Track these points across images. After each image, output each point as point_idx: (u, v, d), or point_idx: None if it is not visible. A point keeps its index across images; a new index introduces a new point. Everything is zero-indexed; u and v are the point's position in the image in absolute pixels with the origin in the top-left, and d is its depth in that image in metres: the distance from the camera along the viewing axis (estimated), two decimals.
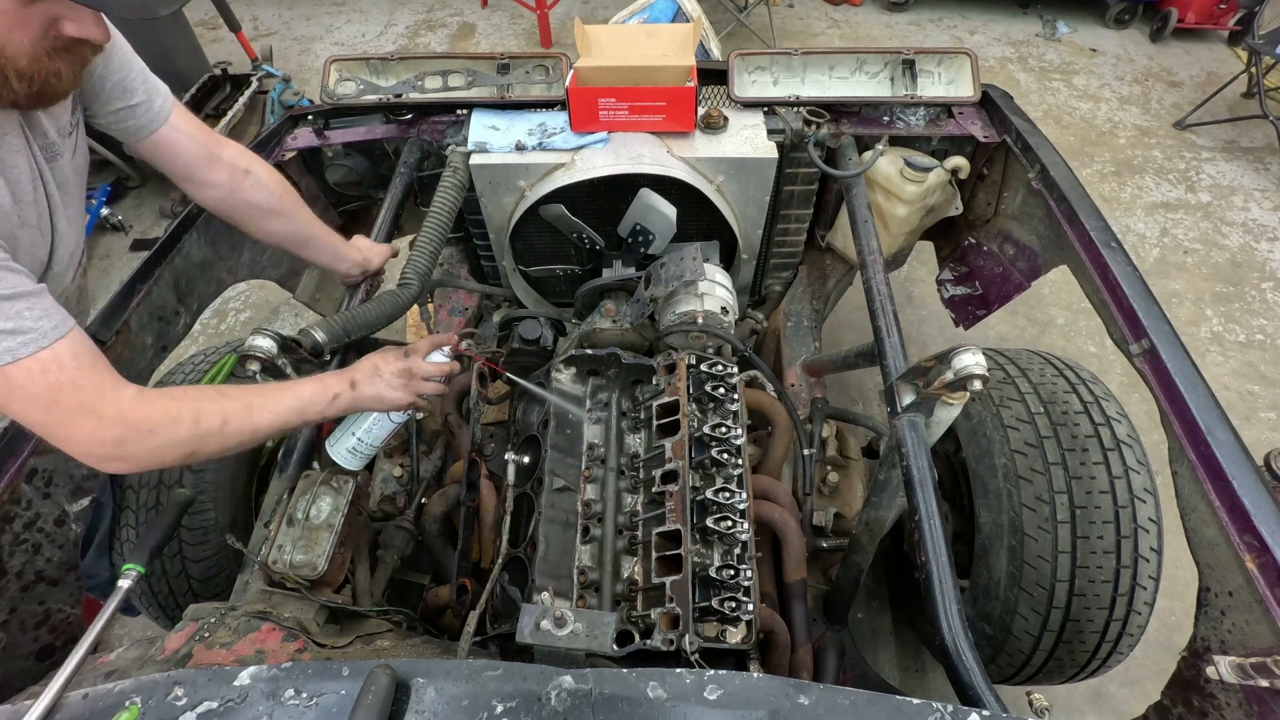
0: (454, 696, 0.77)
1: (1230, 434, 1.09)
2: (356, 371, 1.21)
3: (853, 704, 0.75)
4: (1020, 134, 1.72)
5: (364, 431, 1.34)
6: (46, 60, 0.90)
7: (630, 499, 1.39)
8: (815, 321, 2.11)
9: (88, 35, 0.90)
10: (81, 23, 0.89)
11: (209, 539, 1.53)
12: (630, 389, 1.56)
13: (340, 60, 1.89)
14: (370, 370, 1.22)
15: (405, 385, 1.24)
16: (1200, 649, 1.06)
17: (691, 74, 1.66)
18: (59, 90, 0.95)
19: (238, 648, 1.04)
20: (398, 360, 1.26)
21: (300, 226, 1.47)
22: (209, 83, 3.95)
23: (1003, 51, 4.79)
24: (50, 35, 0.88)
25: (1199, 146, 3.95)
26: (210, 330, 3.14)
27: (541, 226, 1.82)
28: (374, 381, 1.21)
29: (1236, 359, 2.89)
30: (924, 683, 2.05)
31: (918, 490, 1.11)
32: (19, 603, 1.23)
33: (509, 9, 5.33)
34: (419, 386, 1.27)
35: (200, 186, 1.34)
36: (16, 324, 0.87)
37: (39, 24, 0.87)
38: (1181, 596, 2.01)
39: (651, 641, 1.11)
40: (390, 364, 1.24)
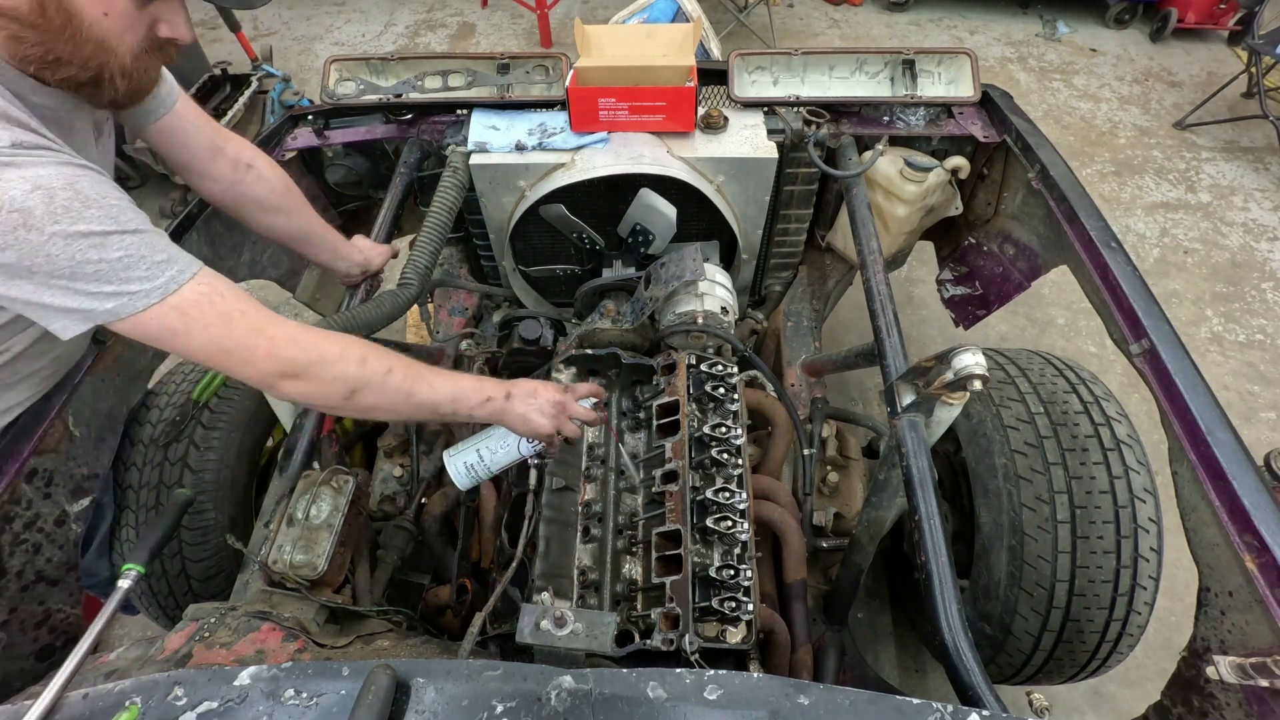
0: (454, 696, 0.77)
1: (1230, 434, 1.09)
2: (515, 386, 1.20)
3: (853, 704, 0.75)
4: (1020, 134, 1.72)
5: (489, 452, 1.30)
6: (144, 59, 0.96)
7: (630, 499, 1.39)
8: (815, 321, 2.11)
9: (179, 36, 0.97)
10: (174, 24, 0.96)
11: (209, 539, 1.53)
12: (630, 389, 1.56)
13: (340, 60, 1.89)
14: (528, 390, 1.20)
15: (555, 417, 1.21)
16: (1200, 649, 1.06)
17: (691, 74, 1.66)
18: (147, 88, 1.01)
19: (238, 648, 1.04)
20: (557, 391, 1.24)
21: (301, 223, 1.47)
22: (209, 83, 3.95)
23: (1003, 51, 4.79)
24: (149, 36, 0.95)
25: (1199, 146, 3.95)
26: None
27: (541, 226, 1.82)
28: (528, 401, 1.19)
29: (1236, 359, 2.89)
30: (924, 683, 2.05)
31: (918, 490, 1.11)
32: (19, 603, 1.23)
33: (509, 9, 5.33)
34: (565, 424, 1.23)
35: (202, 178, 1.34)
36: (170, 254, 0.91)
37: (145, 26, 0.93)
38: (1181, 596, 2.01)
39: (651, 641, 1.11)
40: (549, 392, 1.22)
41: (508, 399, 1.17)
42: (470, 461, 1.31)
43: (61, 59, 0.87)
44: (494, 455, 1.30)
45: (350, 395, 1.03)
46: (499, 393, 1.17)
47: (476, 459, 1.30)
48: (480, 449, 1.30)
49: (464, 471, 1.31)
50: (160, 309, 0.90)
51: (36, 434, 1.24)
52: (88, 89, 0.93)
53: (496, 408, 1.16)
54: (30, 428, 1.25)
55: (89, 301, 0.87)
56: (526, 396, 1.19)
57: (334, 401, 1.03)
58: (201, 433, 1.54)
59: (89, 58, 0.89)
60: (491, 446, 1.30)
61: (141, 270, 0.88)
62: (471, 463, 1.31)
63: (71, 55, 0.88)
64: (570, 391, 1.26)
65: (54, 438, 1.28)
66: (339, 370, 1.01)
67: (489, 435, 1.32)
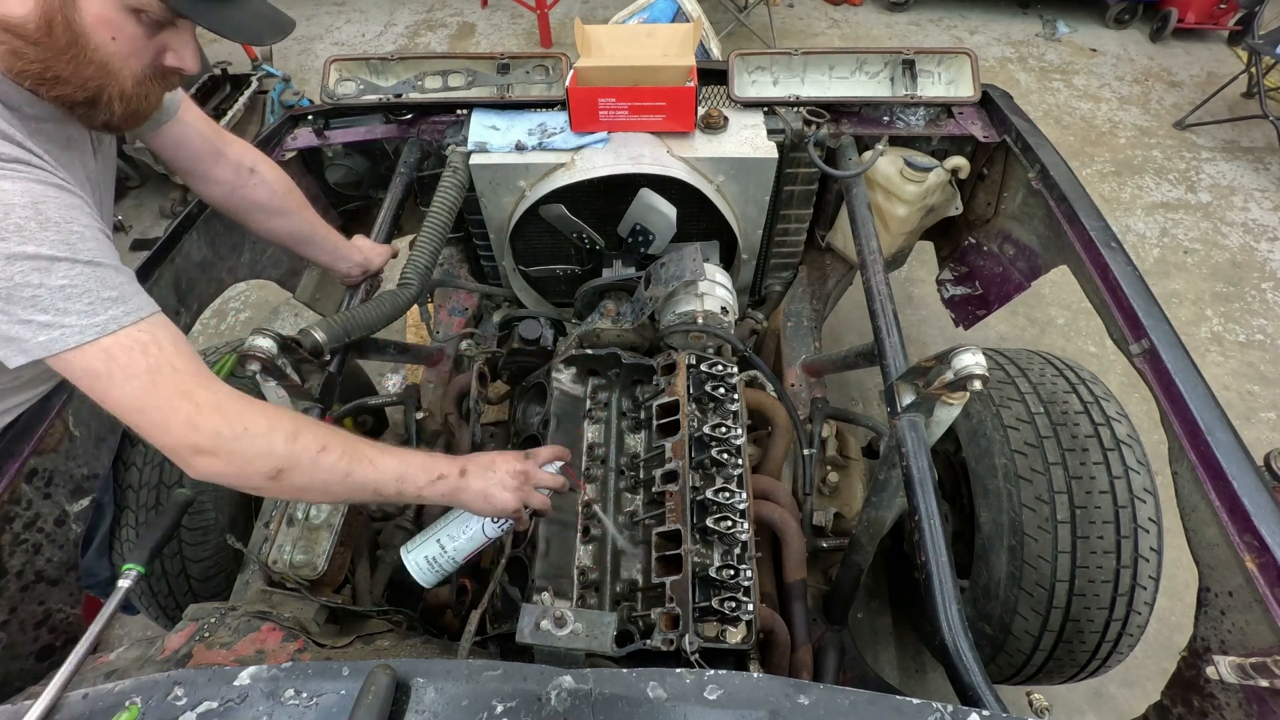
0: (454, 696, 0.77)
1: (1230, 434, 1.09)
2: (470, 461, 1.10)
3: (853, 704, 0.75)
4: (1020, 134, 1.72)
5: (450, 540, 1.18)
6: (145, 85, 0.95)
7: (630, 499, 1.39)
8: (815, 321, 2.11)
9: (185, 66, 0.96)
10: (182, 54, 0.95)
11: (209, 539, 1.53)
12: (630, 389, 1.56)
13: (340, 60, 1.89)
14: (485, 464, 1.10)
15: (518, 489, 1.11)
16: (1200, 649, 1.06)
17: (691, 74, 1.66)
18: (147, 113, 0.99)
19: (238, 648, 1.04)
20: (517, 460, 1.14)
21: (303, 225, 1.47)
22: (209, 82, 3.95)
23: (1003, 51, 4.79)
24: (155, 64, 0.94)
25: (1199, 146, 3.95)
26: (210, 330, 3.14)
27: (541, 226, 1.82)
28: (486, 475, 1.09)
29: (1236, 359, 2.89)
30: (924, 683, 2.04)
31: (918, 490, 1.11)
32: (19, 603, 1.23)
33: (509, 9, 5.33)
34: (531, 495, 1.13)
35: (205, 182, 1.34)
36: (120, 293, 0.86)
37: (152, 54, 0.93)
38: (1181, 596, 2.01)
39: (651, 641, 1.11)
40: (508, 462, 1.12)
41: (463, 475, 1.06)
42: (431, 555, 1.18)
43: (60, 78, 0.86)
44: (456, 543, 1.18)
45: (276, 475, 0.91)
46: (452, 470, 1.06)
47: (438, 550, 1.18)
48: (440, 538, 1.18)
49: (425, 567, 1.18)
50: (90, 349, 0.82)
51: (36, 434, 1.24)
52: (82, 109, 0.92)
53: (450, 486, 1.05)
54: (30, 428, 1.25)
55: (22, 330, 0.80)
56: (484, 471, 1.09)
57: (256, 482, 0.92)
58: None
59: (89, 79, 0.88)
60: (453, 534, 1.18)
61: (82, 304, 0.82)
62: (433, 555, 1.18)
63: (71, 75, 0.86)
64: (532, 458, 1.16)
65: (54, 438, 1.28)
66: (263, 446, 0.90)
67: (448, 521, 1.20)
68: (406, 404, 1.77)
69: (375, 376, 2.16)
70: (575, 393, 1.54)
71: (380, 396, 1.88)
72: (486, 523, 1.17)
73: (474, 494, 1.07)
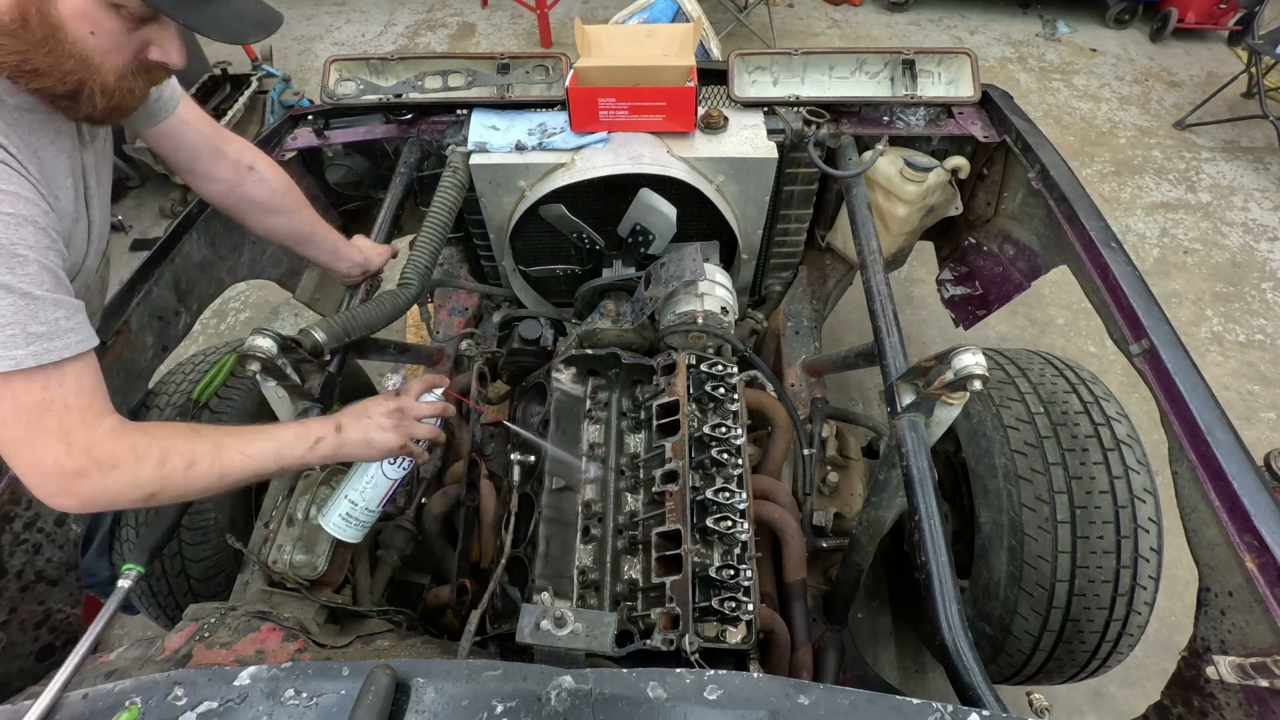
0: (454, 696, 0.77)
1: (1230, 434, 1.09)
2: (343, 415, 1.13)
3: (853, 704, 0.75)
4: (1020, 134, 1.72)
5: (357, 493, 1.20)
6: (129, 79, 0.94)
7: (630, 499, 1.39)
8: (815, 321, 2.11)
9: (169, 61, 0.95)
10: (166, 49, 0.94)
11: (209, 539, 1.53)
12: (630, 389, 1.56)
13: (340, 60, 1.90)
14: (358, 411, 1.14)
15: (397, 426, 1.14)
16: (1200, 649, 1.06)
17: (691, 74, 1.66)
18: (131, 106, 0.98)
19: (238, 648, 1.04)
20: (388, 400, 1.18)
21: (302, 224, 1.47)
22: (209, 82, 3.95)
23: (1003, 51, 4.79)
24: (138, 58, 0.93)
25: (1199, 146, 3.95)
26: (210, 330, 3.14)
27: (541, 226, 1.82)
28: (361, 422, 1.12)
29: (1236, 359, 2.89)
30: (924, 683, 2.04)
31: (918, 490, 1.11)
32: (19, 603, 1.23)
33: (509, 9, 5.33)
34: (412, 427, 1.17)
35: (203, 180, 1.34)
36: (51, 328, 0.85)
37: (135, 47, 0.92)
38: (1181, 596, 2.01)
39: (651, 641, 1.11)
40: (380, 404, 1.16)
41: (339, 431, 1.09)
42: (344, 512, 1.19)
43: (39, 70, 0.85)
44: (364, 494, 1.20)
45: (149, 498, 0.93)
46: (327, 429, 1.09)
47: (350, 506, 1.19)
48: (348, 494, 1.20)
49: (343, 525, 1.19)
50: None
51: None
52: (64, 101, 0.91)
53: (331, 444, 1.08)
54: None
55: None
56: (358, 419, 1.12)
57: (133, 505, 0.94)
58: None
59: (69, 72, 0.87)
60: (357, 486, 1.20)
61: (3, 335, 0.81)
62: (345, 513, 1.19)
63: (50, 68, 0.85)
64: (405, 392, 1.19)
65: None
66: (129, 479, 0.90)
67: (349, 476, 1.22)
68: None
69: (375, 376, 2.16)
70: (575, 393, 1.54)
71: None
72: (384, 465, 1.20)
73: (356, 443, 1.11)
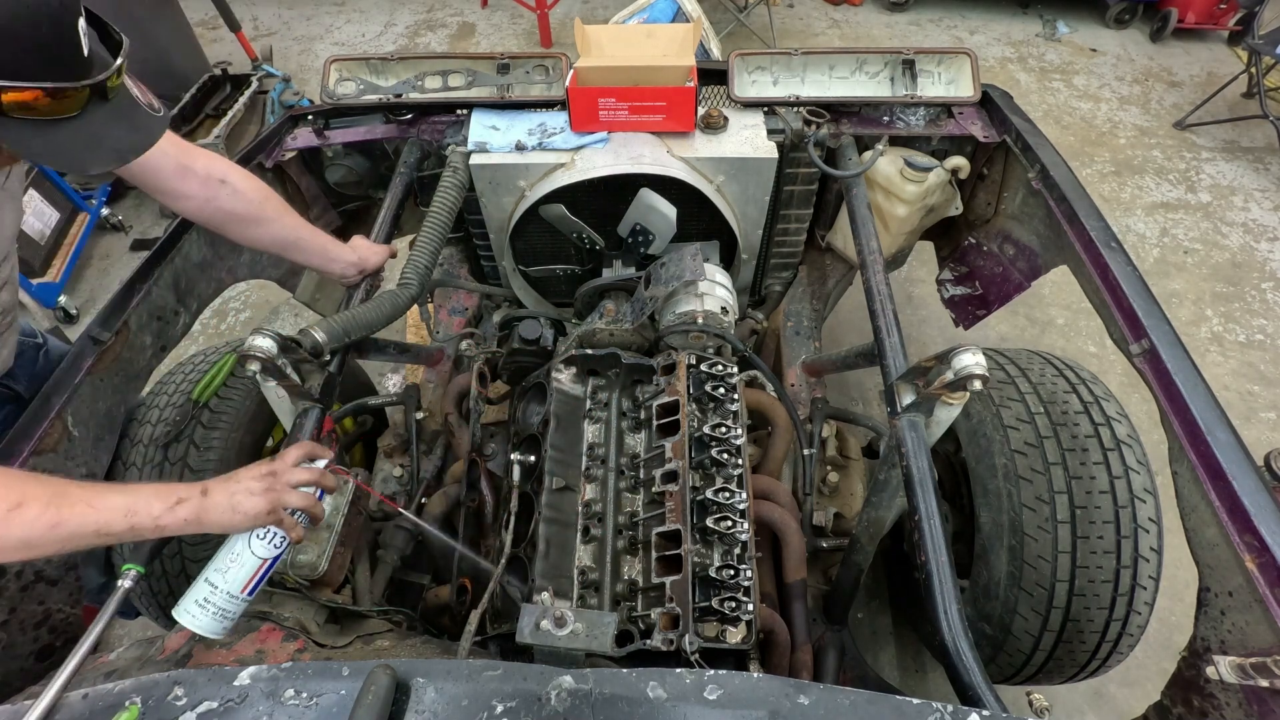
0: (454, 696, 0.77)
1: (1230, 434, 1.09)
2: (213, 480, 1.02)
3: (853, 704, 0.75)
4: (1020, 134, 1.72)
5: (218, 573, 1.02)
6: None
7: (630, 499, 1.39)
8: (815, 321, 2.11)
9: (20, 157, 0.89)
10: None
11: (209, 539, 1.53)
12: (630, 389, 1.56)
13: (340, 60, 1.89)
14: (226, 477, 1.03)
15: (266, 490, 1.02)
16: (1200, 649, 1.06)
17: (691, 74, 1.66)
18: None
19: (238, 648, 1.04)
20: (261, 465, 1.07)
21: (284, 231, 1.45)
22: (209, 83, 3.95)
23: (1003, 51, 4.79)
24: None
25: (1199, 146, 3.95)
26: (210, 330, 3.14)
27: (541, 226, 1.82)
28: (228, 486, 1.01)
29: (1236, 359, 2.89)
30: (924, 683, 2.04)
31: (918, 490, 1.11)
32: (19, 603, 1.23)
33: (509, 9, 5.33)
34: (283, 494, 1.04)
35: (174, 198, 1.33)
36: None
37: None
38: (1181, 596, 2.01)
39: (651, 641, 1.11)
40: (253, 470, 1.05)
41: (205, 494, 0.98)
42: (203, 596, 1.01)
43: None
44: (226, 574, 1.02)
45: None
46: (192, 492, 0.98)
47: (209, 590, 1.01)
48: (208, 575, 1.03)
49: (197, 612, 1.00)
50: None
51: (36, 434, 1.24)
52: None
53: (193, 506, 0.96)
54: (29, 428, 1.25)
55: None
56: (226, 484, 1.01)
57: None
58: (201, 433, 1.54)
59: None
60: (220, 566, 1.03)
61: None
62: (205, 597, 1.01)
63: None
64: (280, 458, 1.08)
65: (53, 437, 1.28)
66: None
67: (215, 556, 1.05)
68: (406, 404, 1.77)
69: (375, 376, 2.15)
70: (575, 393, 1.53)
71: (380, 396, 1.88)
72: (253, 540, 1.04)
73: (220, 508, 0.99)
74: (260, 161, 1.85)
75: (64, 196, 3.31)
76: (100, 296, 3.30)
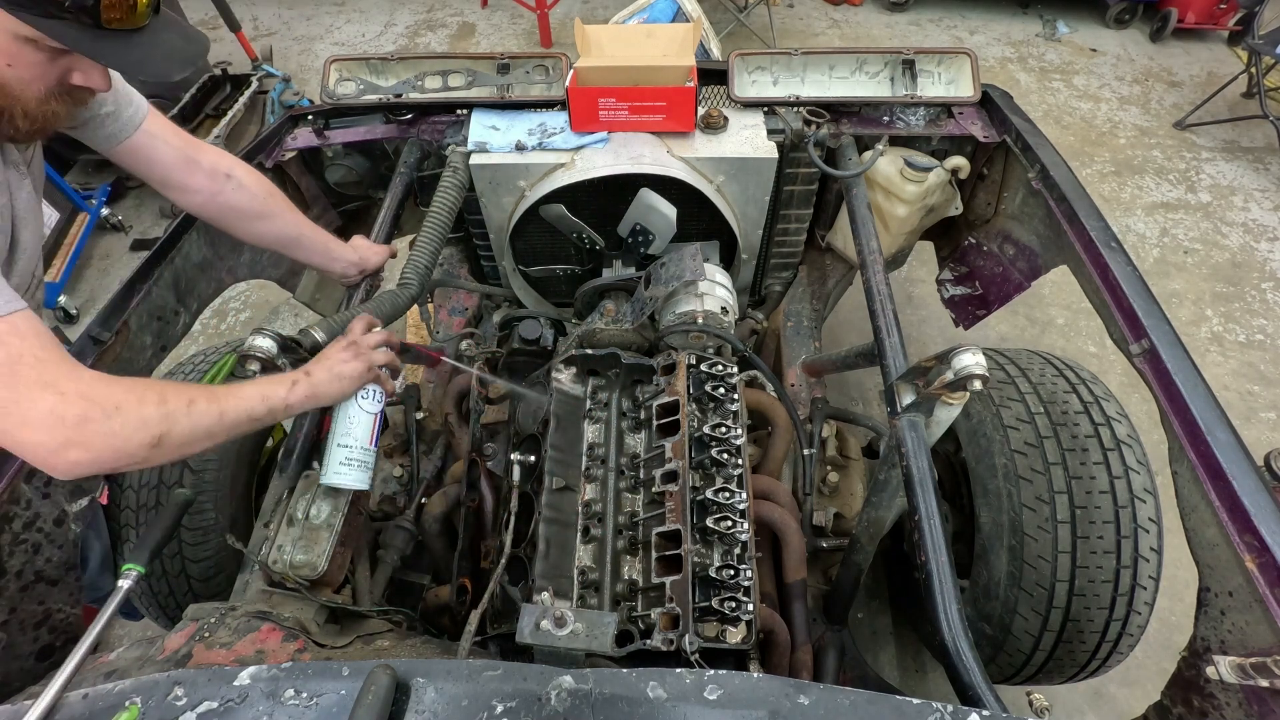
0: (454, 696, 0.76)
1: (1230, 434, 1.09)
2: (308, 364, 1.17)
3: (853, 704, 0.75)
4: (1020, 134, 1.72)
5: (345, 435, 1.22)
6: (51, 103, 0.95)
7: (630, 499, 1.39)
8: (815, 321, 2.11)
9: (93, 85, 0.96)
10: (89, 75, 0.94)
11: (209, 539, 1.53)
12: (630, 389, 1.56)
13: (340, 60, 1.89)
14: (319, 357, 1.19)
15: (356, 356, 1.18)
16: (1200, 649, 1.06)
17: (691, 74, 1.66)
18: (55, 127, 0.99)
19: (238, 648, 1.04)
20: (339, 342, 1.22)
21: (287, 227, 1.46)
22: (209, 83, 3.95)
23: (1003, 51, 4.79)
24: (61, 82, 0.94)
25: (1199, 146, 3.95)
26: (210, 330, 3.14)
27: (541, 226, 1.82)
28: (324, 363, 1.16)
29: (1236, 359, 2.89)
30: (924, 683, 2.04)
31: (918, 490, 1.11)
32: (19, 603, 1.23)
33: (509, 9, 5.33)
34: (370, 356, 1.20)
35: (181, 192, 1.34)
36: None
37: (57, 75, 0.92)
38: (1181, 596, 2.01)
39: (651, 641, 1.11)
40: (334, 346, 1.21)
41: (309, 374, 1.13)
42: (341, 458, 1.20)
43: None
44: (351, 434, 1.22)
45: (158, 442, 0.92)
46: (298, 374, 1.13)
47: (344, 451, 1.21)
48: (338, 440, 1.21)
49: (345, 470, 1.20)
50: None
51: None
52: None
53: (305, 385, 1.12)
54: None
55: None
56: (320, 362, 1.16)
57: (141, 453, 0.91)
58: None
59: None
60: (343, 430, 1.22)
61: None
62: (344, 458, 1.20)
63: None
64: (349, 331, 1.24)
65: None
66: (137, 418, 0.90)
67: (335, 424, 1.23)
68: (406, 404, 1.77)
69: None
70: (575, 393, 1.53)
71: None
72: (359, 401, 1.22)
73: (326, 380, 1.14)
74: (260, 161, 1.85)
75: (64, 196, 3.31)
76: (100, 296, 3.30)
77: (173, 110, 3.65)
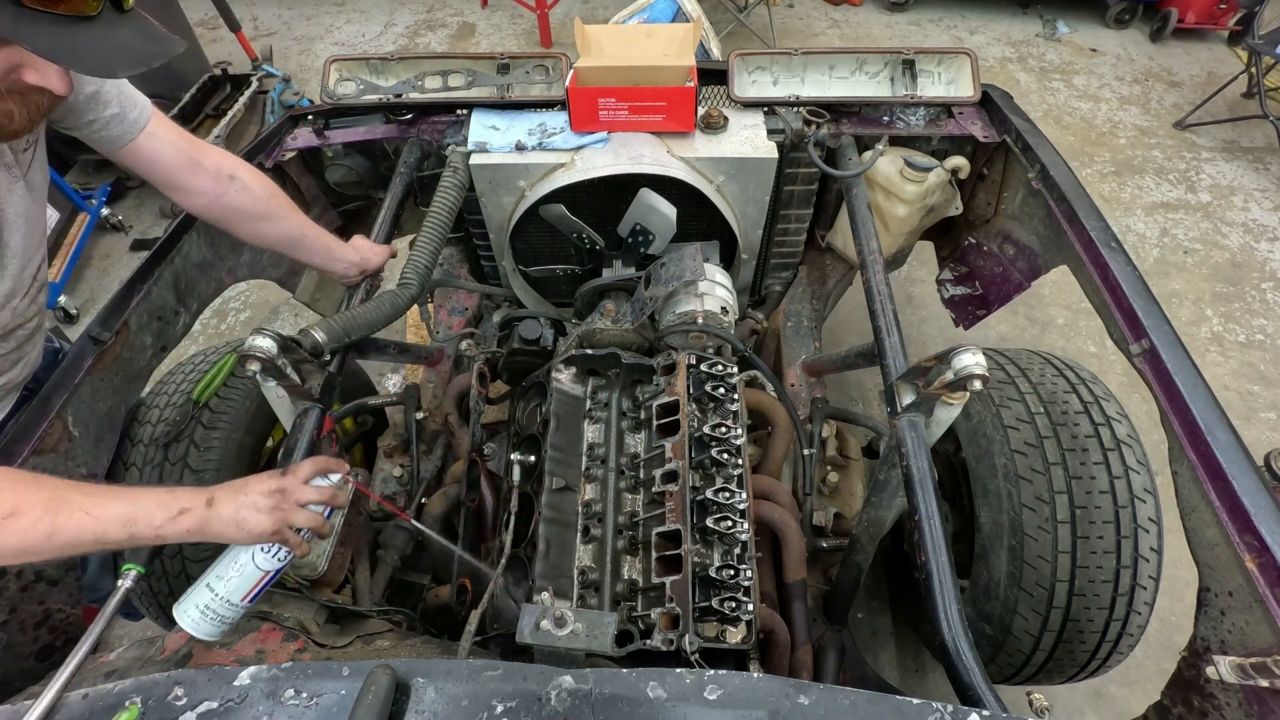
0: (454, 696, 0.77)
1: (1230, 434, 1.09)
2: (221, 488, 1.00)
3: (853, 704, 0.75)
4: (1020, 134, 1.72)
5: (220, 581, 1.02)
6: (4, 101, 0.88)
7: (631, 499, 1.39)
8: (815, 321, 2.11)
9: (48, 85, 0.88)
10: (44, 73, 0.86)
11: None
12: (630, 389, 1.56)
13: (340, 60, 1.89)
14: (235, 487, 1.01)
15: (274, 508, 1.00)
16: (1200, 649, 1.06)
17: (691, 74, 1.66)
18: (9, 130, 0.92)
19: (238, 648, 1.04)
20: (271, 479, 1.04)
21: (290, 228, 1.46)
22: (209, 83, 3.95)
23: (1003, 51, 4.79)
24: (9, 79, 0.86)
25: (1199, 146, 3.95)
26: (210, 330, 3.14)
27: (541, 226, 1.82)
28: (235, 499, 0.99)
29: (1236, 359, 2.89)
30: (924, 683, 2.04)
31: (918, 490, 1.11)
32: (19, 603, 1.23)
33: (509, 9, 5.33)
34: (292, 514, 1.02)
35: (185, 193, 1.34)
36: None
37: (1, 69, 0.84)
38: (1181, 596, 2.01)
39: (651, 641, 1.11)
40: (262, 482, 1.03)
41: (210, 505, 0.97)
42: (204, 603, 1.01)
43: None
44: (228, 583, 1.02)
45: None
46: (197, 501, 0.96)
47: (210, 597, 1.01)
48: (209, 582, 1.03)
49: (199, 618, 1.00)
50: None
51: (36, 434, 1.24)
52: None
53: (196, 517, 0.95)
54: (30, 427, 1.25)
55: None
56: (233, 495, 0.99)
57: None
58: (201, 433, 1.54)
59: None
60: (221, 574, 1.03)
61: None
62: (205, 604, 1.01)
63: None
64: (290, 474, 1.06)
65: (53, 437, 1.28)
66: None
67: (217, 562, 1.05)
68: (406, 404, 1.77)
69: (375, 376, 2.16)
70: (575, 393, 1.53)
71: (380, 396, 1.88)
72: (256, 553, 1.03)
73: (225, 522, 0.97)
74: (260, 161, 1.85)
75: (64, 196, 3.31)
76: (100, 296, 3.30)
77: (173, 110, 3.65)
